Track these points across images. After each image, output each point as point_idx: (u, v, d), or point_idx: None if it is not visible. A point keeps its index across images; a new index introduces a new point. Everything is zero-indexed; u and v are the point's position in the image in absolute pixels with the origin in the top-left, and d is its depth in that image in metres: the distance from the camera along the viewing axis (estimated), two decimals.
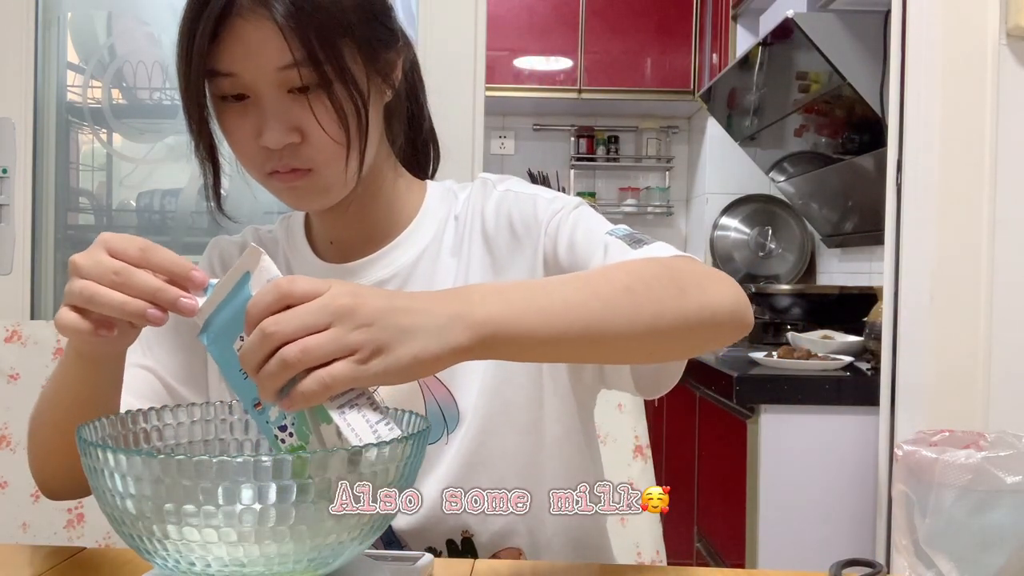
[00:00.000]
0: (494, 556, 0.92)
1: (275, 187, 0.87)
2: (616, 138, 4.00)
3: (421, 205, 0.98)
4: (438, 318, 0.64)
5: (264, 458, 0.57)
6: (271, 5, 0.78)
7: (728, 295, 0.78)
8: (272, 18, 0.78)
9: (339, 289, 0.62)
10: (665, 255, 0.82)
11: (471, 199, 0.97)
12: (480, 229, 0.95)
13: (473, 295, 0.68)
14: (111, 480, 0.58)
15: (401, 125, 0.96)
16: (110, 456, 0.58)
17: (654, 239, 0.86)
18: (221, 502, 0.56)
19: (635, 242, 0.85)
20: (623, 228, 0.88)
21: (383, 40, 0.88)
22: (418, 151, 1.03)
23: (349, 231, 0.96)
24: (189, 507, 0.56)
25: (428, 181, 1.02)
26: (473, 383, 0.91)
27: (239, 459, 0.57)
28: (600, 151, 4.00)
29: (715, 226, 3.68)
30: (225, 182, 0.91)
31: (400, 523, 0.89)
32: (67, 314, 0.69)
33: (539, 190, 0.95)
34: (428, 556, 0.75)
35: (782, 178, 3.29)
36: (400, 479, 0.62)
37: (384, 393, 0.87)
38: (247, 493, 0.56)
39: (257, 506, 0.56)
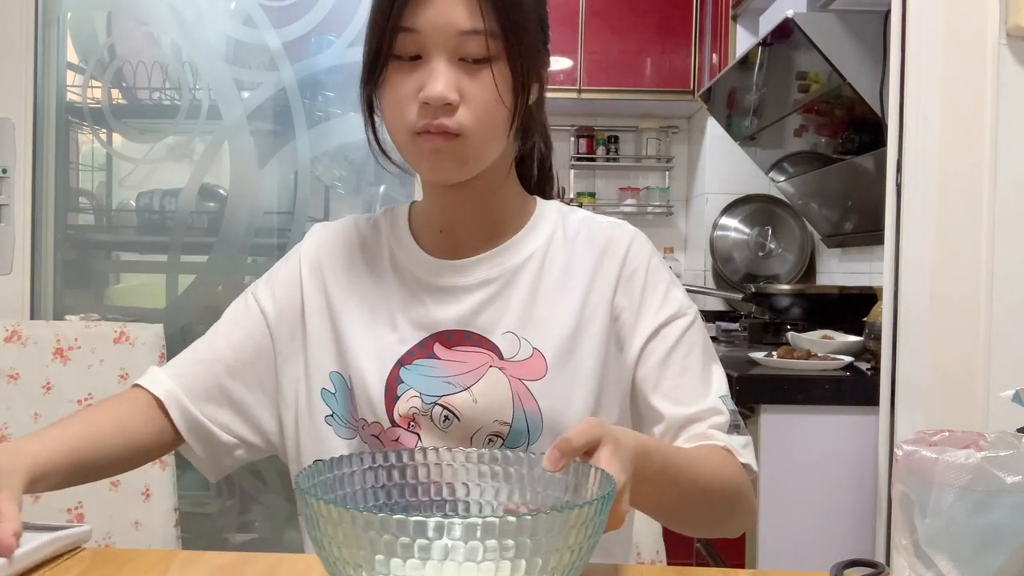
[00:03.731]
0: None
1: (419, 148, 0.90)
2: (616, 138, 4.00)
3: (532, 215, 1.02)
4: None
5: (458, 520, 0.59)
6: None
7: (748, 524, 0.96)
8: None
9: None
10: (744, 460, 0.93)
11: (602, 227, 1.01)
12: (600, 257, 0.99)
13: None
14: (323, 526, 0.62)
15: (528, 133, 1.00)
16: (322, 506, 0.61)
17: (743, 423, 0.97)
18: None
19: (733, 427, 0.95)
20: (725, 389, 0.97)
21: (545, 40, 0.95)
22: (531, 166, 1.06)
23: (464, 222, 0.99)
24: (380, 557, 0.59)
25: (536, 196, 1.06)
26: (569, 406, 0.94)
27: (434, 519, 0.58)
28: (600, 151, 4.00)
29: (715, 226, 3.68)
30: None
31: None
32: None
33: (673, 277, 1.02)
34: (86, 527, 0.84)
35: (782, 178, 3.29)
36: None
37: (478, 394, 0.94)
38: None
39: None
